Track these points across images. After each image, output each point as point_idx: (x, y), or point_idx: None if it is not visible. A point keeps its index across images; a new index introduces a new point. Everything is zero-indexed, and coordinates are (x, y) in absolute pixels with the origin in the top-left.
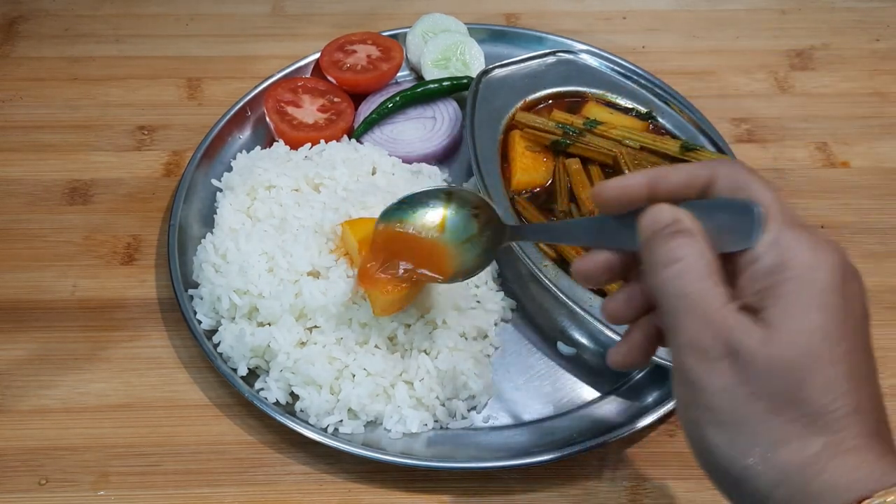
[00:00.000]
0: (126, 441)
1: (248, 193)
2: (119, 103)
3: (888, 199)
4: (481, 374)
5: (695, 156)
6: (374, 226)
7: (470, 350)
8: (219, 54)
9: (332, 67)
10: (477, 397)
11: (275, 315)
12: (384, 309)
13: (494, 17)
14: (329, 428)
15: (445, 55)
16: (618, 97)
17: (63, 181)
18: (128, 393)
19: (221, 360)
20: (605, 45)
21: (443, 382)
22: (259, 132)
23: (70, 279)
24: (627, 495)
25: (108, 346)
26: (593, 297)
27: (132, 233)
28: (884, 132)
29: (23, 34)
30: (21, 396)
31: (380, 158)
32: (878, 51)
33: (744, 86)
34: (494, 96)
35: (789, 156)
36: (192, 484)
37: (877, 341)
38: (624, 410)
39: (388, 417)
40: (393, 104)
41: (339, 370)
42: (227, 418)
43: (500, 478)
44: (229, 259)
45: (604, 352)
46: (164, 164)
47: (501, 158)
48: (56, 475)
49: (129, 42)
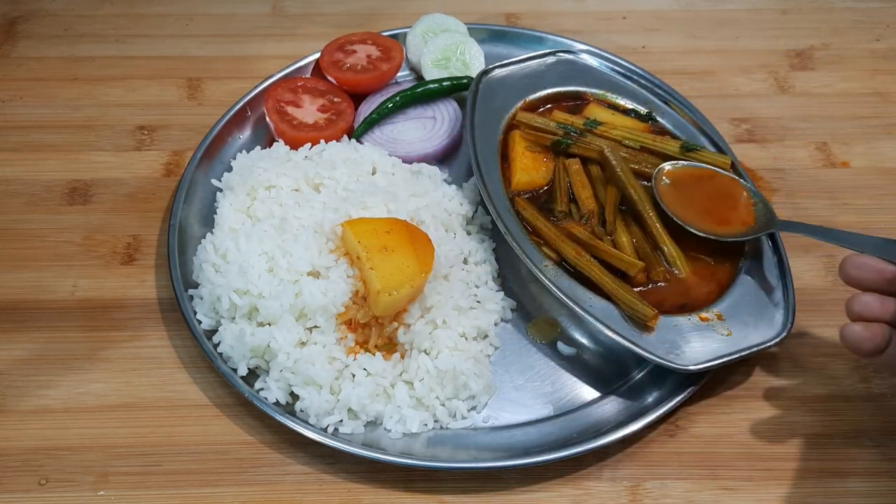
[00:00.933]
0: (126, 441)
1: (248, 193)
2: (119, 103)
3: (888, 199)
4: (481, 374)
5: (695, 156)
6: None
7: (470, 350)
8: (219, 54)
9: (332, 67)
10: (477, 397)
11: (275, 315)
12: (385, 308)
13: (494, 17)
14: (329, 428)
15: (445, 55)
16: (618, 97)
17: (63, 181)
18: (128, 393)
19: (221, 360)
20: (606, 45)
21: (443, 382)
22: (259, 132)
23: (70, 279)
24: (627, 495)
25: (108, 346)
26: (593, 296)
27: (132, 233)
28: (884, 132)
29: (23, 34)
30: (21, 396)
31: (380, 158)
32: (878, 50)
33: (744, 86)
34: (494, 96)
35: (789, 156)
36: (192, 484)
37: None
38: (624, 410)
39: (388, 417)
40: (393, 104)
41: (338, 370)
42: (227, 418)
43: (500, 478)
44: (229, 259)
45: (604, 352)
46: (164, 164)
47: (501, 158)
48: (56, 475)
49: (130, 42)
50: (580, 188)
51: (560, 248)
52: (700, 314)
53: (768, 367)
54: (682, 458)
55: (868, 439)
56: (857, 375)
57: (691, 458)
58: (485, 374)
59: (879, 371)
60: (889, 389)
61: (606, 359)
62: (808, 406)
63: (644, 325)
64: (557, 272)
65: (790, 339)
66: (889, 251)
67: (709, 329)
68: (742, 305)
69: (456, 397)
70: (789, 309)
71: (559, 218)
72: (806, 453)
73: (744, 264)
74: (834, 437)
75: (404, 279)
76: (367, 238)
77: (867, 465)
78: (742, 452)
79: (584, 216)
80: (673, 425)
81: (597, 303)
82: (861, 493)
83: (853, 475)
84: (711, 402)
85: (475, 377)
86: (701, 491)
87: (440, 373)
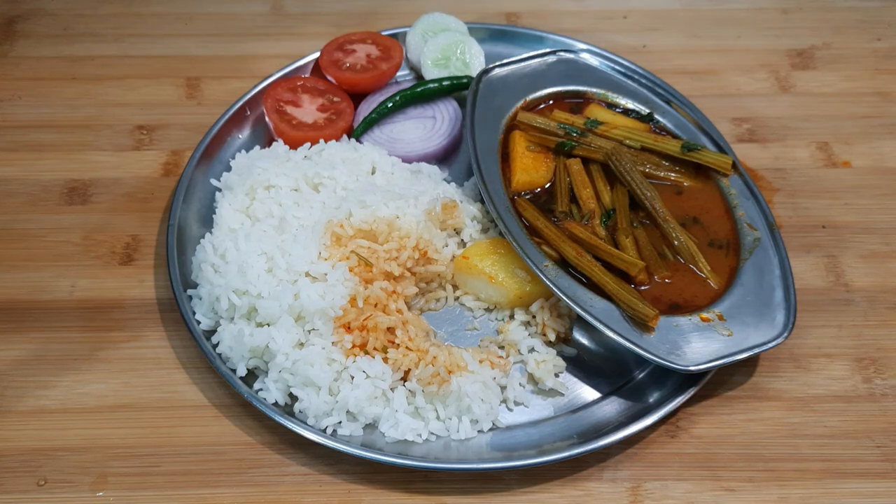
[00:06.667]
0: (125, 442)
1: (247, 193)
2: (118, 103)
3: (890, 199)
4: (487, 400)
5: (696, 156)
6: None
7: (482, 374)
8: (218, 53)
9: (331, 67)
10: (480, 422)
11: (273, 315)
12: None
13: (495, 17)
14: (328, 429)
15: (445, 54)
16: (619, 97)
17: (62, 181)
18: (126, 393)
19: (220, 361)
20: (606, 45)
21: (445, 401)
22: (258, 132)
23: (68, 279)
24: (628, 496)
25: (106, 346)
26: (593, 296)
27: (131, 233)
28: (885, 132)
29: (22, 33)
30: (19, 397)
31: (379, 158)
32: (880, 50)
33: (745, 85)
34: (494, 96)
35: (790, 155)
36: (191, 485)
37: (878, 341)
38: (624, 411)
39: (385, 421)
40: (393, 104)
41: (337, 371)
42: (226, 419)
43: (500, 479)
44: (228, 259)
45: (605, 352)
46: (162, 164)
47: (501, 158)
48: (55, 476)
49: (129, 41)
50: (581, 188)
51: (561, 248)
52: (701, 314)
53: (769, 368)
54: (682, 459)
55: (869, 440)
56: (859, 376)
57: (692, 458)
58: (491, 400)
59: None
60: (890, 390)
61: (607, 359)
62: (809, 407)
63: (645, 325)
64: (557, 272)
65: (791, 339)
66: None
67: (710, 329)
68: (743, 306)
69: (456, 416)
70: (790, 309)
71: (560, 218)
72: (807, 454)
73: (745, 264)
74: (835, 437)
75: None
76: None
77: (868, 465)
78: (743, 453)
79: (584, 216)
80: (674, 426)
81: (597, 303)
82: (862, 494)
83: (854, 476)
84: (712, 402)
85: (480, 402)
86: (702, 492)
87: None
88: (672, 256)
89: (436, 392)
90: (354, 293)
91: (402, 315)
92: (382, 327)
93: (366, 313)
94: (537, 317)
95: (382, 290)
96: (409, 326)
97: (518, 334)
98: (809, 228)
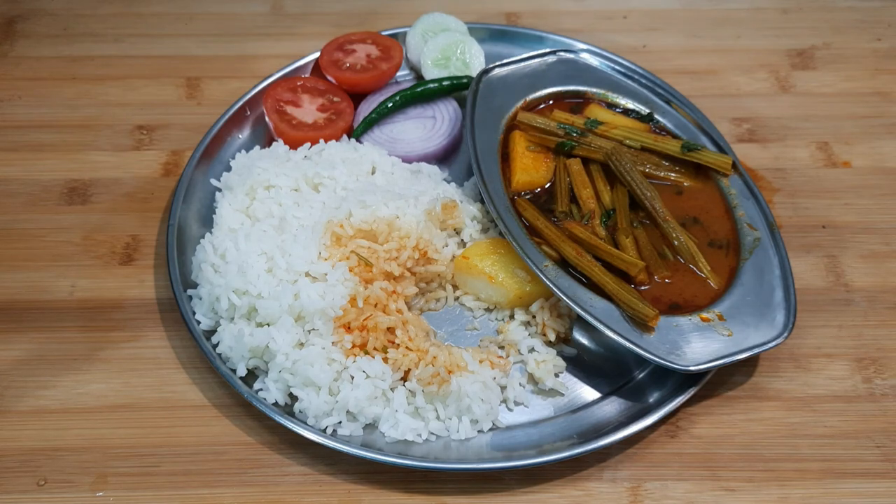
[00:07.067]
0: (125, 442)
1: (247, 193)
2: (118, 103)
3: (890, 199)
4: (487, 400)
5: (696, 156)
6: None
7: (482, 374)
8: (218, 53)
9: (331, 67)
10: (480, 422)
11: (273, 315)
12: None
13: (495, 17)
14: (328, 429)
15: (445, 54)
16: (618, 97)
17: (62, 181)
18: (126, 393)
19: (220, 361)
20: (606, 45)
21: (445, 401)
22: (258, 132)
23: (68, 279)
24: (628, 496)
25: (106, 346)
26: (593, 296)
27: (131, 233)
28: (885, 132)
29: (21, 33)
30: (19, 397)
31: (379, 158)
32: (880, 50)
33: (745, 85)
34: (495, 96)
35: (790, 155)
36: (191, 485)
37: (878, 341)
38: (624, 411)
39: (385, 421)
40: (393, 104)
41: (337, 371)
42: (225, 419)
43: (500, 479)
44: (228, 259)
45: (605, 352)
46: (162, 164)
47: (501, 158)
48: (55, 476)
49: (128, 41)
50: (581, 188)
51: (561, 248)
52: (701, 314)
53: (769, 368)
54: (682, 459)
55: (869, 440)
56: (859, 376)
57: (692, 458)
58: (491, 400)
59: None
60: (890, 390)
61: (607, 359)
62: (808, 407)
63: (645, 325)
64: (557, 272)
65: (791, 339)
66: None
67: (710, 329)
68: (743, 306)
69: (457, 416)
70: (790, 309)
71: (560, 218)
72: (807, 454)
73: (745, 264)
74: (835, 437)
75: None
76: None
77: (868, 465)
78: (743, 453)
79: (584, 216)
80: (674, 426)
81: (597, 303)
82: (862, 494)
83: (854, 476)
84: (712, 402)
85: (480, 402)
86: (702, 492)
87: (443, 391)
88: (672, 256)
89: (436, 392)
90: (354, 293)
91: (402, 315)
92: (382, 327)
93: (366, 313)
94: (537, 317)
95: (382, 290)
96: (409, 326)
97: (518, 334)
98: (809, 228)
